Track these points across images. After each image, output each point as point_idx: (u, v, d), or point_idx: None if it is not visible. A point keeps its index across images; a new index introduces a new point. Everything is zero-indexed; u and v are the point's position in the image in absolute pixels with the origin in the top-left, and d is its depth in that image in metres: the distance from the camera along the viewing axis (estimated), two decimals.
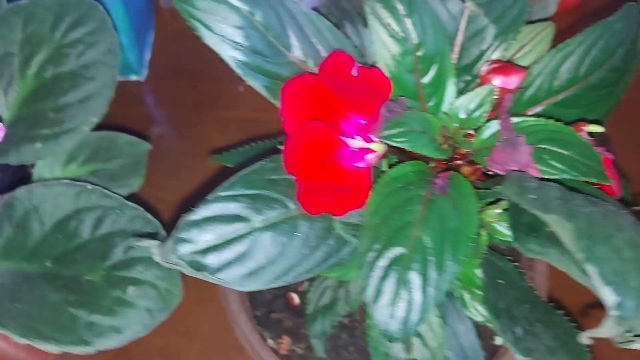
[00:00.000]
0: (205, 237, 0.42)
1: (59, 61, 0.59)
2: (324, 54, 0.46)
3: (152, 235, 0.53)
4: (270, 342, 0.56)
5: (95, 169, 0.61)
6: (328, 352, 0.55)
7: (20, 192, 0.54)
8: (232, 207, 0.43)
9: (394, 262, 0.40)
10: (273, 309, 0.59)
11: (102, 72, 0.59)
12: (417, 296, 0.39)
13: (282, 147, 0.44)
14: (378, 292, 0.39)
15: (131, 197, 0.55)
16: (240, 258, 0.42)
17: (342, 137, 0.43)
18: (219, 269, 0.42)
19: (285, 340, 0.56)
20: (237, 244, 0.42)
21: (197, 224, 0.42)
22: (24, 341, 0.45)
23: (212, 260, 0.42)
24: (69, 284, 0.51)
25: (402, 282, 0.39)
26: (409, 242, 0.41)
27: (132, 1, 0.78)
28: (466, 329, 0.50)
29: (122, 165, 0.61)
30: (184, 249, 0.41)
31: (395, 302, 0.39)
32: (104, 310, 0.48)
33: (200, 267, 0.42)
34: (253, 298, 0.59)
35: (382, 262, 0.40)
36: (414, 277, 0.39)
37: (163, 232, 0.53)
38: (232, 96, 0.90)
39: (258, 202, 0.43)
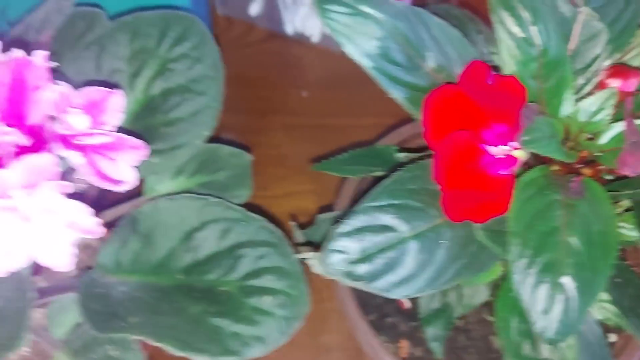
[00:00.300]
0: (358, 247, 0.44)
1: (166, 76, 0.60)
2: (456, 64, 0.47)
3: (271, 244, 0.54)
4: (389, 346, 0.58)
5: (204, 181, 0.62)
6: (447, 354, 0.57)
7: (146, 207, 0.55)
8: (380, 218, 0.45)
9: (547, 268, 0.42)
10: (386, 313, 0.60)
11: (209, 86, 0.60)
12: (574, 299, 0.41)
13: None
14: (534, 298, 0.41)
15: None
16: (391, 267, 0.44)
17: (484, 145, 0.45)
18: (373, 277, 0.44)
19: (404, 344, 0.58)
20: (388, 253, 0.44)
21: (349, 234, 0.44)
22: (179, 354, 0.46)
23: (365, 269, 0.44)
24: (204, 296, 0.52)
25: (557, 287, 0.41)
26: (560, 247, 0.43)
27: (195, 10, 0.79)
28: (591, 327, 0.52)
29: (228, 177, 0.63)
30: (338, 260, 0.43)
31: (552, 306, 0.41)
32: (245, 321, 0.50)
33: (355, 276, 0.43)
34: (364, 303, 0.60)
35: (535, 268, 0.42)
36: (568, 281, 0.41)
37: (287, 243, 0.54)
38: (296, 102, 0.91)
39: (403, 212, 0.45)
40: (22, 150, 0.38)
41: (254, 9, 1.01)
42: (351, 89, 1.00)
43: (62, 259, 0.41)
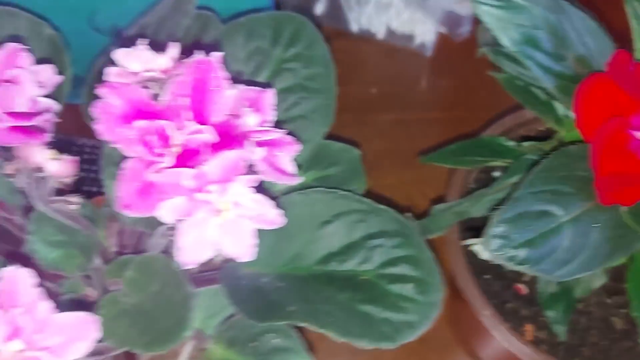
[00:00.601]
0: (519, 232, 0.46)
1: (283, 76, 0.62)
2: (595, 54, 0.49)
3: (401, 234, 0.56)
4: (514, 331, 0.60)
5: (319, 175, 0.64)
6: (570, 336, 0.59)
7: (279, 201, 0.57)
8: (538, 203, 0.47)
9: None
10: (505, 300, 0.62)
11: (324, 84, 0.62)
12: None
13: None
14: None
15: None
16: (551, 250, 0.46)
17: (633, 131, 0.47)
18: (536, 261, 0.46)
19: (529, 328, 0.60)
20: (548, 237, 0.46)
21: (509, 221, 0.46)
22: (341, 340, 0.48)
23: (527, 253, 0.46)
24: (346, 285, 0.53)
25: None
26: None
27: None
28: None
29: (342, 171, 0.64)
30: (501, 245, 0.45)
31: None
32: (392, 307, 0.51)
33: (518, 261, 0.45)
34: (483, 290, 0.62)
35: None
36: None
37: (416, 232, 0.56)
38: (366, 99, 0.94)
39: (558, 198, 0.47)
40: (213, 148, 0.40)
41: (319, 8, 1.03)
42: (418, 85, 1.02)
43: (245, 250, 0.42)
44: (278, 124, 0.60)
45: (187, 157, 0.40)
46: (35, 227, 0.55)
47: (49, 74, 0.47)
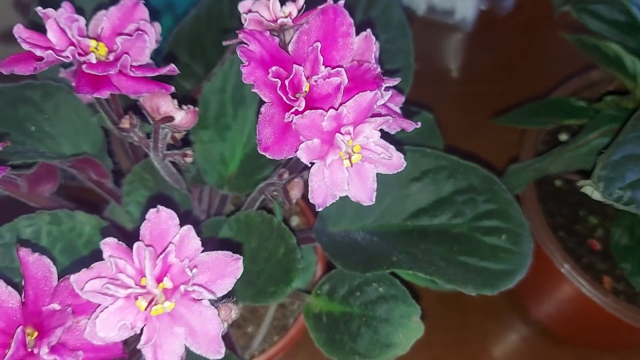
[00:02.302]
0: (625, 174, 0.47)
1: None
2: None
3: (489, 189, 0.57)
4: (594, 283, 0.61)
5: (399, 136, 0.65)
6: None
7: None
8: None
9: None
10: (580, 254, 0.64)
11: (402, 46, 0.64)
12: None
13: None
14: None
15: None
16: None
17: None
18: None
19: (607, 280, 0.61)
20: None
21: (617, 163, 0.47)
22: (449, 286, 0.49)
23: (633, 194, 0.47)
24: (441, 237, 0.55)
25: None
26: None
27: None
28: None
29: (419, 133, 0.65)
30: (611, 186, 0.46)
31: None
32: (489, 257, 0.53)
33: (625, 201, 0.46)
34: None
35: None
36: None
37: (503, 187, 0.57)
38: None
39: None
40: (346, 91, 0.41)
41: None
42: (459, 59, 1.04)
43: (368, 194, 0.43)
44: None
45: (319, 101, 0.41)
46: (129, 189, 0.56)
47: (158, 29, 0.47)
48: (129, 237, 0.55)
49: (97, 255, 0.37)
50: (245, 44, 0.40)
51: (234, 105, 0.60)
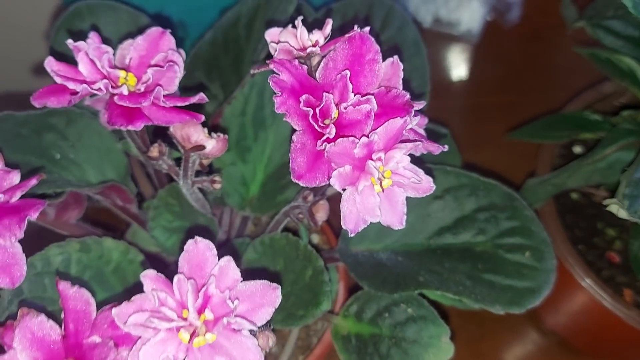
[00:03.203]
0: None
1: None
2: None
3: (509, 206, 0.58)
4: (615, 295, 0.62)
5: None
6: None
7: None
8: None
9: None
10: (600, 268, 0.64)
11: (417, 64, 0.64)
12: None
13: None
14: None
15: None
16: None
17: None
18: None
19: (627, 293, 0.62)
20: None
21: (637, 181, 0.48)
22: (476, 306, 0.50)
23: None
24: (464, 255, 0.55)
25: None
26: None
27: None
28: None
29: None
30: (636, 204, 0.47)
31: None
32: (514, 275, 0.53)
33: None
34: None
35: None
36: None
37: (523, 203, 0.58)
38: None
39: None
40: (376, 117, 0.41)
41: None
42: (468, 71, 1.04)
43: (398, 218, 0.44)
44: None
45: (348, 127, 0.42)
46: (154, 214, 0.56)
47: (183, 56, 0.48)
48: (152, 260, 0.56)
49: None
50: (276, 73, 0.41)
51: (255, 127, 0.61)
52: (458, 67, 1.04)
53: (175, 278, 0.37)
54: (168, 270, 0.38)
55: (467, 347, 0.78)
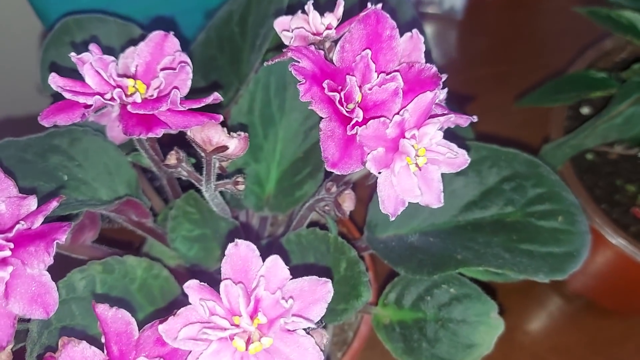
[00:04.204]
0: None
1: None
2: None
3: (534, 173, 0.57)
4: None
5: None
6: None
7: None
8: None
9: None
10: (627, 224, 0.63)
11: None
12: None
13: None
14: None
15: None
16: None
17: None
18: None
19: None
20: None
21: None
22: (521, 277, 0.48)
23: None
24: (497, 228, 0.54)
25: None
26: None
27: None
28: None
29: None
30: None
31: None
32: (551, 241, 0.52)
33: None
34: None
35: None
36: None
37: (547, 168, 0.56)
38: None
39: None
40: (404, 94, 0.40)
41: None
42: (456, 46, 1.04)
43: (436, 196, 0.42)
44: None
45: (373, 109, 0.40)
46: (174, 224, 0.54)
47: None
48: (174, 274, 0.54)
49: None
50: (296, 61, 0.39)
51: (263, 125, 0.59)
52: (446, 44, 1.03)
53: (222, 284, 0.35)
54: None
55: None
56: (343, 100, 0.40)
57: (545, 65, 0.94)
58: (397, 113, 0.39)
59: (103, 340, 0.38)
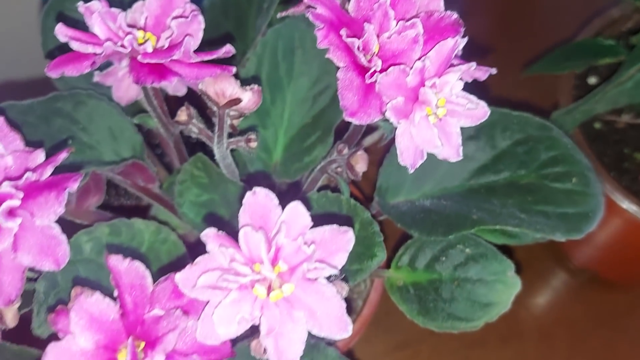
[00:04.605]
0: None
1: None
2: None
3: (547, 137, 0.56)
4: None
5: None
6: None
7: None
8: None
9: None
10: (637, 191, 0.63)
11: None
12: None
13: None
14: None
15: None
16: None
17: None
18: None
19: None
20: None
21: None
22: (538, 235, 0.48)
23: None
24: (511, 190, 0.53)
25: None
26: None
27: None
28: None
29: None
30: None
31: None
32: (565, 203, 0.51)
33: None
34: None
35: None
36: None
37: (560, 131, 0.56)
38: None
39: None
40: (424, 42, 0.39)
41: None
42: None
43: (455, 150, 0.42)
44: None
45: (391, 58, 0.39)
46: (181, 188, 0.53)
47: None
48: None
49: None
50: (313, 7, 0.38)
51: (271, 90, 0.58)
52: None
53: (242, 231, 0.34)
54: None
55: None
56: (361, 48, 0.39)
57: (546, 42, 0.93)
58: (412, 61, 0.38)
59: (116, 293, 0.36)
